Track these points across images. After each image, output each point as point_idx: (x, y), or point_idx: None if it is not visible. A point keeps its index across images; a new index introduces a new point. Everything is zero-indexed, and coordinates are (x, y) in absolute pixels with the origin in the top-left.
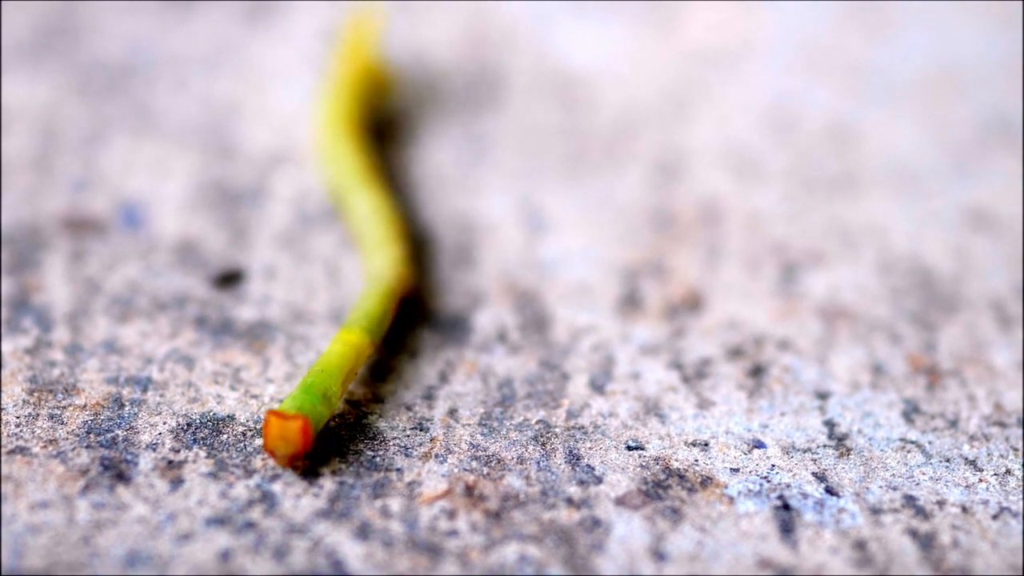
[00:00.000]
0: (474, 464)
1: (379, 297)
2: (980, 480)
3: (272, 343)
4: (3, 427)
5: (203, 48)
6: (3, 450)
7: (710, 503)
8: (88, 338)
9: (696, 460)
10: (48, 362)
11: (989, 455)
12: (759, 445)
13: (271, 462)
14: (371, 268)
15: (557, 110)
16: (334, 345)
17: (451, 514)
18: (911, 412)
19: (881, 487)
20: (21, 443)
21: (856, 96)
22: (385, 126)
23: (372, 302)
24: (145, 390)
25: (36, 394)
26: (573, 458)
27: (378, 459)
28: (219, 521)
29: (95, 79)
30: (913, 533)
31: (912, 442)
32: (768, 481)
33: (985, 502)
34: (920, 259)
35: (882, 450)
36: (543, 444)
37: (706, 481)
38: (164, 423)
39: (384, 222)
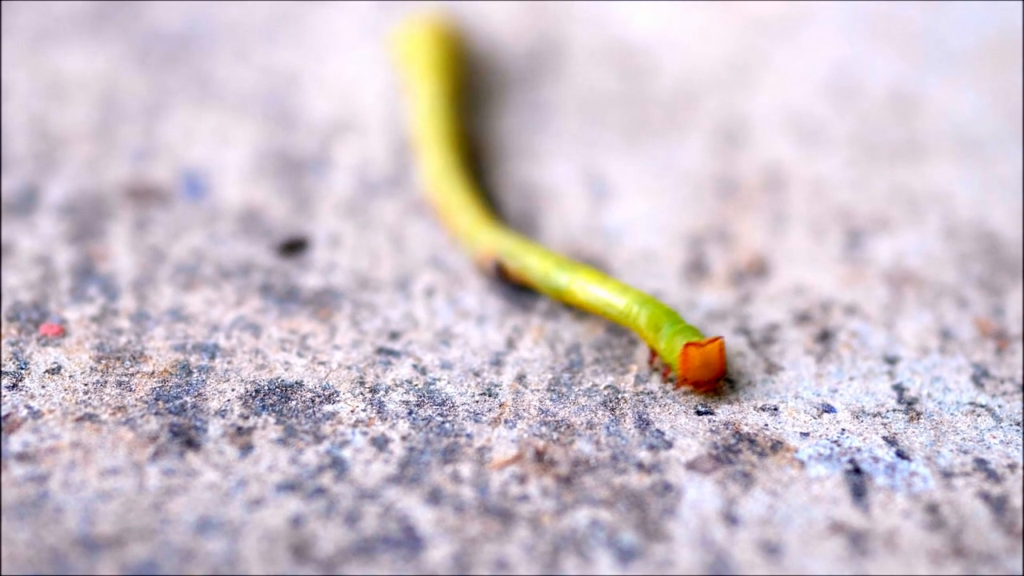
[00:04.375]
0: (543, 429)
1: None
2: None
3: (338, 310)
4: (71, 395)
5: (261, 18)
6: (71, 416)
7: (781, 467)
8: (154, 306)
9: (766, 424)
10: (114, 330)
11: None
12: (829, 410)
13: (340, 427)
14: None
15: (618, 78)
16: (639, 296)
17: (522, 479)
18: (980, 376)
19: (952, 451)
20: (89, 410)
21: (916, 63)
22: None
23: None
24: (212, 357)
25: (103, 361)
26: (643, 423)
27: (447, 425)
28: (290, 487)
29: (154, 49)
30: (985, 496)
31: (982, 406)
32: (838, 445)
33: None
34: (985, 225)
35: (952, 414)
36: (612, 409)
37: (776, 445)
38: (232, 390)
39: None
